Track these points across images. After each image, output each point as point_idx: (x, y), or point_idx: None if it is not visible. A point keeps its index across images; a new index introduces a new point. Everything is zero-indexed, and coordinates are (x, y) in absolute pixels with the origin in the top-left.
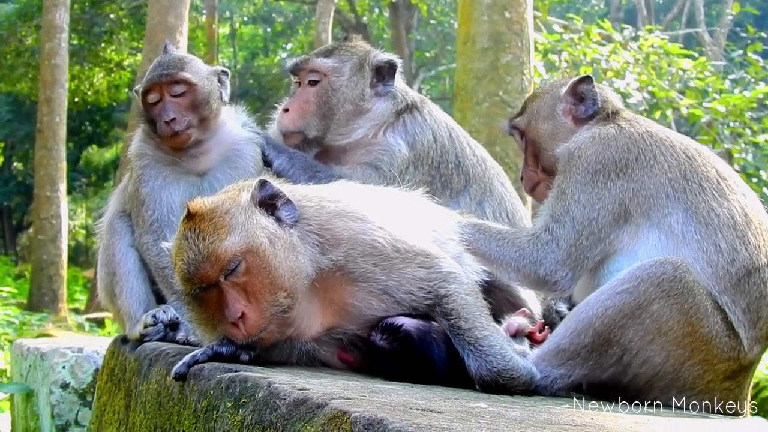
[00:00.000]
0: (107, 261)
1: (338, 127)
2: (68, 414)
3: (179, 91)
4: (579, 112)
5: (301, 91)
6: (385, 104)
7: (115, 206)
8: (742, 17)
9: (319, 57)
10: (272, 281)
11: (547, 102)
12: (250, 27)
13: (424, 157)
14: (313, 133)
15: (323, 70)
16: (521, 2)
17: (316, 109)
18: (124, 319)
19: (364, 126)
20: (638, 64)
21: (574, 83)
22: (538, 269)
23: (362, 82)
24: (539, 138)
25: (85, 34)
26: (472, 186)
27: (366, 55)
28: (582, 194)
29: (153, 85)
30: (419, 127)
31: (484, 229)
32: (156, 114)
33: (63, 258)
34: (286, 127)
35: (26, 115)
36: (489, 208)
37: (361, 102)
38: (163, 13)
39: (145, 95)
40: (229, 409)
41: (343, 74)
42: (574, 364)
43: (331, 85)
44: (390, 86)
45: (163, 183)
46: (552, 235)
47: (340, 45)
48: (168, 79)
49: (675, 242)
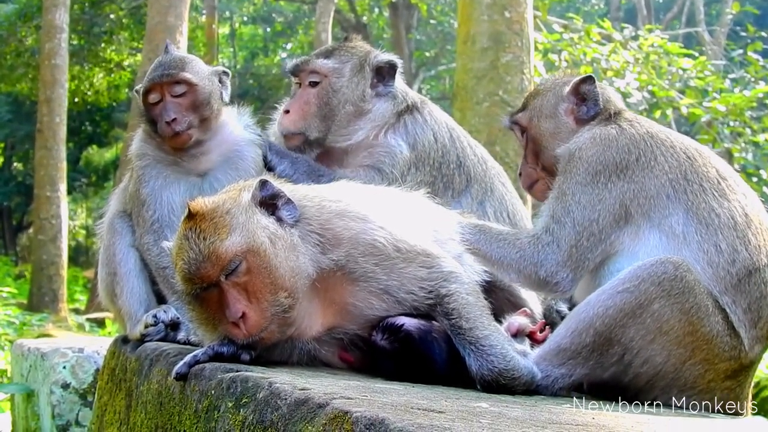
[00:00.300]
0: (108, 261)
1: (339, 128)
2: (69, 414)
3: (180, 92)
4: (581, 113)
5: (302, 92)
6: (386, 105)
7: (115, 206)
8: (742, 16)
9: (320, 58)
10: (273, 281)
11: (550, 100)
12: (250, 27)
13: (426, 158)
14: (314, 134)
15: (324, 71)
16: (521, 2)
17: (317, 111)
18: (125, 319)
19: (365, 127)
20: (638, 64)
21: (576, 83)
22: (538, 270)
23: (363, 83)
24: (540, 136)
25: (85, 34)
26: (474, 186)
27: (366, 56)
28: (583, 195)
29: (154, 85)
30: (420, 128)
31: (485, 230)
32: (157, 114)
33: (63, 258)
34: (287, 128)
35: (26, 116)
36: (490, 208)
37: (361, 103)
38: (163, 13)
39: (145, 95)
40: (230, 409)
41: (343, 75)
42: (575, 364)
43: (332, 86)
44: (390, 86)
45: (164, 183)
46: (553, 236)
47: (340, 46)
48: (169, 80)
49: (676, 243)
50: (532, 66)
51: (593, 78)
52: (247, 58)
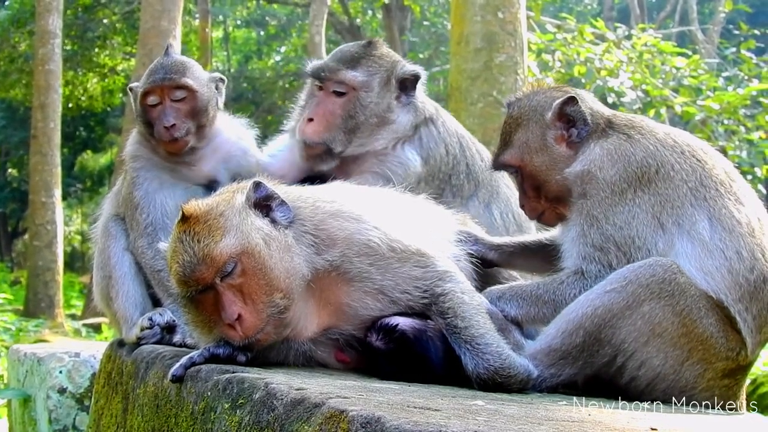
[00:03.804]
0: (103, 264)
1: (360, 139)
2: (66, 419)
3: (180, 96)
4: (573, 137)
5: (326, 99)
6: (407, 116)
7: (109, 210)
8: (735, 15)
9: (347, 69)
10: (268, 282)
11: (535, 132)
12: (244, 30)
13: (436, 172)
14: (338, 148)
15: (353, 84)
16: (514, 2)
17: (341, 123)
18: (120, 323)
19: (387, 137)
20: (632, 63)
21: (559, 108)
22: None
23: (389, 96)
24: (537, 172)
25: (78, 39)
26: (481, 190)
27: (393, 68)
28: (615, 216)
29: (154, 87)
30: (434, 141)
31: (518, 294)
32: (155, 117)
33: (59, 264)
34: (311, 139)
35: (20, 121)
36: (496, 210)
37: (386, 114)
38: (157, 17)
39: (144, 96)
40: (226, 411)
41: (372, 89)
42: (565, 364)
43: (360, 100)
44: (412, 96)
45: (158, 186)
46: (601, 264)
47: (366, 54)
48: (170, 84)
49: (706, 250)
50: (525, 66)
51: (575, 98)
52: (241, 61)
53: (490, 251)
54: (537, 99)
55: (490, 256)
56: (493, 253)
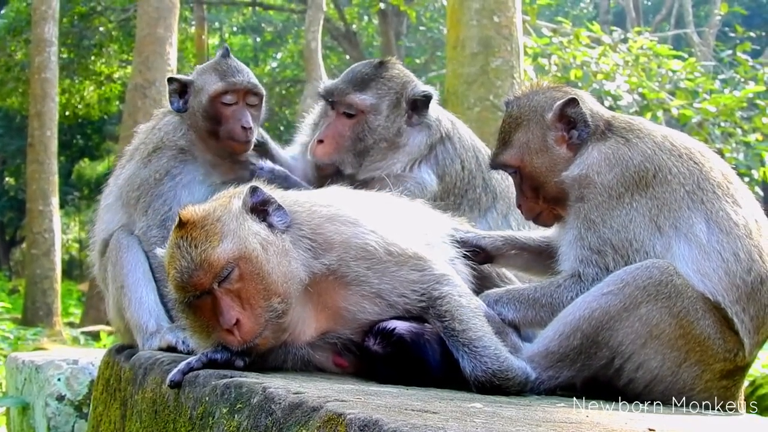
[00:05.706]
0: (115, 277)
1: (372, 162)
2: (65, 426)
3: (254, 102)
4: (573, 138)
5: (336, 121)
6: (421, 137)
7: (115, 220)
8: (731, 17)
9: (356, 91)
10: (266, 287)
11: (535, 133)
12: (240, 37)
13: (452, 188)
14: (348, 170)
15: (361, 107)
16: (510, 6)
17: (351, 145)
18: (134, 331)
19: (402, 160)
20: (628, 66)
21: (560, 109)
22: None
23: (399, 119)
24: (537, 173)
25: (74, 47)
26: (499, 202)
27: (403, 90)
28: (613, 220)
29: (237, 88)
30: (450, 158)
31: (515, 298)
32: (229, 115)
33: (57, 272)
34: (322, 160)
35: (17, 130)
36: (513, 222)
37: (397, 138)
38: (153, 24)
39: (221, 95)
40: (224, 415)
41: (381, 112)
42: (562, 366)
43: (369, 123)
44: (424, 116)
45: (189, 181)
46: (598, 267)
47: (376, 76)
48: (253, 89)
49: (703, 252)
50: (522, 70)
51: (576, 99)
52: None
53: (483, 239)
54: (537, 99)
55: (483, 243)
56: (485, 240)
